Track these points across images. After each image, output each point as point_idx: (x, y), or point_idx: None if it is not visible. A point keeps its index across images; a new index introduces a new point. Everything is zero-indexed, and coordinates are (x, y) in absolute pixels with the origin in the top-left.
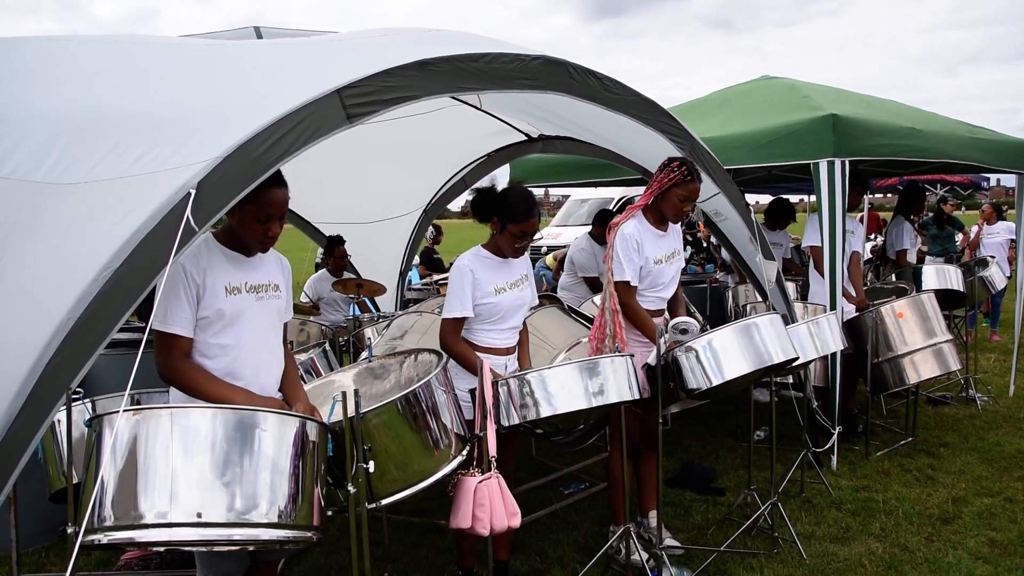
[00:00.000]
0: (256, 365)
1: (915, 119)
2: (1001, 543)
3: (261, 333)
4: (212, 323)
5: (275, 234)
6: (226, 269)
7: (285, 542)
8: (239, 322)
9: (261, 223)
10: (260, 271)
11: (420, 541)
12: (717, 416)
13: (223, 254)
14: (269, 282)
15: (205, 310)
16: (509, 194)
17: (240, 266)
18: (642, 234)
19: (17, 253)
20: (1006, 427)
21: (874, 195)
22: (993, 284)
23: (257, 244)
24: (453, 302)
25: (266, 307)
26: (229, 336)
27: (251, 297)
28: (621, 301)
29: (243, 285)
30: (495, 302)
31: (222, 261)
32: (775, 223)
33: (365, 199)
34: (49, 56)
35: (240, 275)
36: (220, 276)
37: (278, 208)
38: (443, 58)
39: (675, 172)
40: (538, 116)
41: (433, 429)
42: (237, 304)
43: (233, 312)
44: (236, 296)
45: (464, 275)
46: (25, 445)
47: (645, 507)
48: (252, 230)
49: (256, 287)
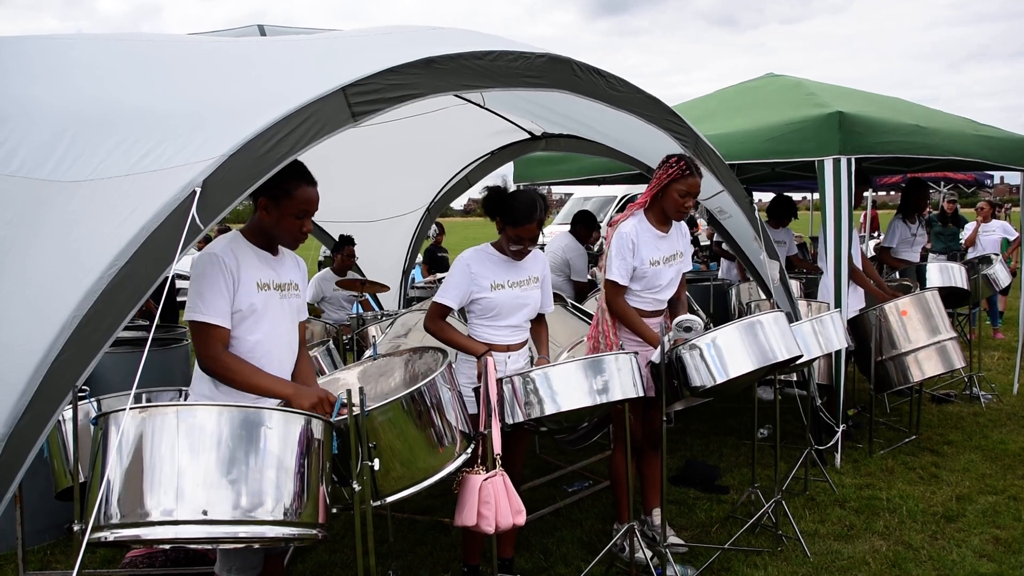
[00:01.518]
0: (279, 361)
1: (920, 116)
2: (1005, 541)
3: (283, 330)
4: (244, 318)
5: (308, 230)
6: (256, 265)
7: (291, 540)
8: (266, 318)
9: (298, 219)
10: (283, 270)
11: (425, 539)
12: (721, 414)
13: (253, 251)
14: (291, 281)
15: (239, 304)
16: (513, 198)
17: (268, 263)
18: (640, 234)
19: (22, 251)
20: (1010, 425)
21: (877, 193)
22: (997, 282)
23: (291, 240)
24: (442, 290)
25: (288, 305)
26: (257, 332)
27: (277, 295)
28: (608, 299)
29: (271, 282)
30: (490, 297)
31: (252, 258)
32: (778, 221)
33: (368, 197)
34: (54, 53)
35: (268, 272)
36: (252, 272)
37: (313, 206)
38: (448, 56)
39: (673, 168)
40: (542, 114)
41: (438, 427)
42: (266, 300)
43: (263, 308)
44: (266, 292)
45: (460, 268)
46: (31, 443)
47: (649, 505)
48: (289, 226)
49: (281, 285)
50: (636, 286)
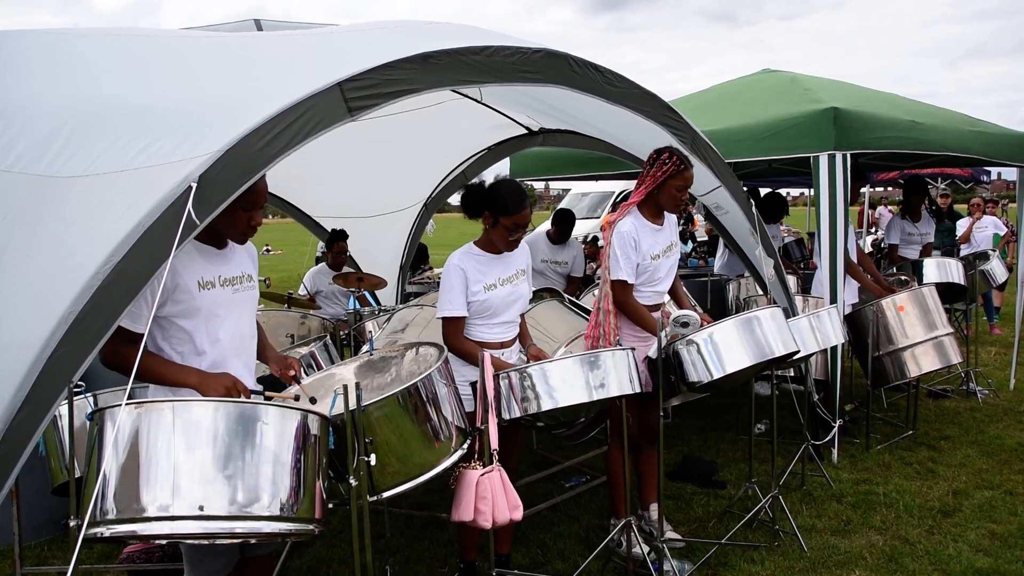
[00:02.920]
0: (236, 356)
1: (916, 112)
2: (1002, 535)
3: (239, 325)
4: (188, 319)
5: (258, 223)
6: (199, 264)
7: (287, 535)
8: (217, 317)
9: (246, 212)
10: (232, 263)
11: (422, 534)
12: (718, 409)
13: (196, 249)
14: (243, 273)
15: (176, 305)
16: (499, 187)
17: (213, 260)
18: (639, 231)
19: (19, 246)
20: (1007, 420)
21: (874, 188)
22: (994, 277)
23: (240, 234)
24: (444, 302)
25: (242, 299)
26: (206, 331)
27: (227, 291)
28: (618, 299)
29: (217, 279)
30: (485, 299)
31: (194, 256)
32: (769, 217)
33: (365, 193)
34: (51, 49)
35: (213, 269)
36: (192, 272)
37: (262, 197)
38: (444, 51)
39: (668, 164)
40: (539, 109)
41: (434, 422)
42: (212, 298)
43: (209, 307)
44: (210, 291)
45: (454, 274)
46: (27, 439)
47: (646, 500)
48: (237, 219)
49: (231, 280)
50: (637, 281)
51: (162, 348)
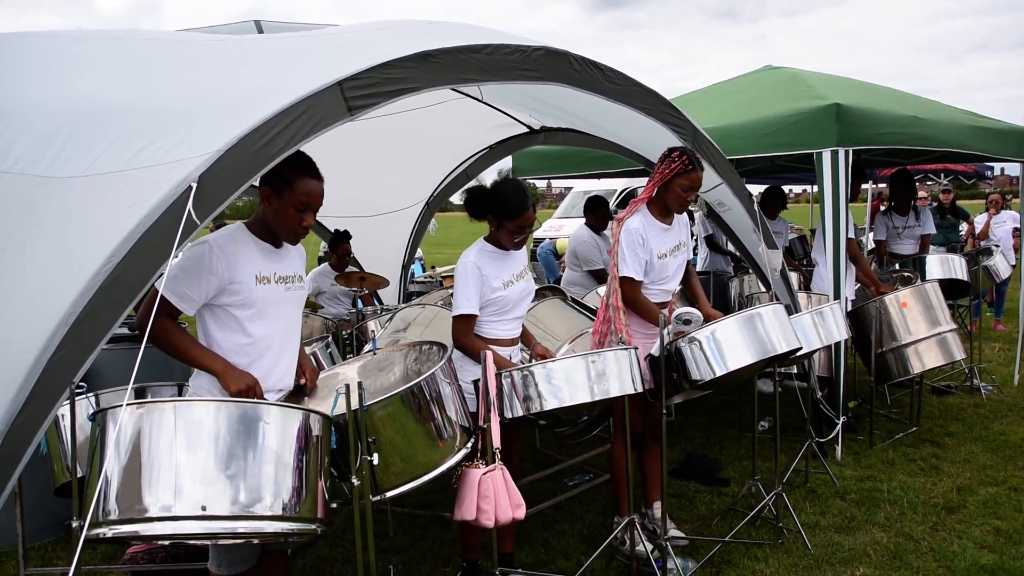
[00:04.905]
0: (281, 352)
1: (918, 108)
2: (1006, 532)
3: (288, 322)
4: (242, 310)
5: (309, 225)
6: (256, 259)
7: (289, 534)
8: (269, 311)
9: (298, 212)
10: (287, 262)
11: (425, 533)
12: (721, 407)
13: (255, 245)
14: (295, 273)
15: (232, 296)
16: (501, 190)
17: (270, 257)
18: (647, 228)
19: (19, 247)
20: (1011, 416)
21: (877, 185)
22: (998, 273)
23: (291, 234)
24: (461, 299)
25: (292, 297)
26: (259, 325)
27: (280, 288)
28: (626, 297)
29: (272, 275)
30: (505, 295)
31: (253, 251)
32: (768, 212)
33: (367, 192)
34: (50, 50)
35: (270, 266)
36: (251, 265)
37: (315, 199)
38: (444, 50)
39: (676, 162)
40: (540, 108)
41: (438, 421)
42: (266, 294)
43: (264, 301)
44: (266, 286)
45: (471, 272)
46: (29, 440)
47: (649, 498)
48: (288, 219)
49: (284, 278)
50: (645, 279)
51: (214, 337)
